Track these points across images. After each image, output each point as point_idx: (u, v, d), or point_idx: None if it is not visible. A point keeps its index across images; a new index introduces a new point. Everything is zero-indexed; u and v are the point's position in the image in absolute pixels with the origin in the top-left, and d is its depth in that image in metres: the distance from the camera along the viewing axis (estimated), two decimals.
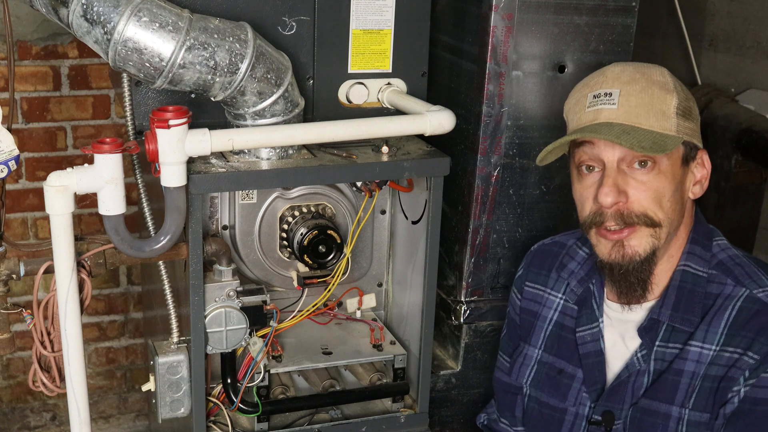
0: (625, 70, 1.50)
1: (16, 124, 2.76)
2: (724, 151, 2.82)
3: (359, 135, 1.80)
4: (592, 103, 1.49)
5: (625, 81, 1.48)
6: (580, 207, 1.55)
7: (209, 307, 1.78)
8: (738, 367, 1.43)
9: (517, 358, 1.74)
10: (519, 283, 1.79)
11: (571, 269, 1.69)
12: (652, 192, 1.46)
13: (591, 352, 1.60)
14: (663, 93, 1.47)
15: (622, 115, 1.45)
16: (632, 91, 1.47)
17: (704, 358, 1.47)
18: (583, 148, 1.50)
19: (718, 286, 1.50)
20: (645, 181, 1.45)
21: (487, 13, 1.93)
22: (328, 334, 2.08)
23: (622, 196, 1.46)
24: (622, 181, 1.46)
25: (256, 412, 1.88)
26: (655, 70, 1.51)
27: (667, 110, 1.46)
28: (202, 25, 1.66)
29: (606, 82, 1.50)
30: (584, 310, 1.64)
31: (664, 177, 1.46)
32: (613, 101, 1.47)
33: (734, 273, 1.50)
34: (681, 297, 1.51)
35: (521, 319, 1.76)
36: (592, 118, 1.48)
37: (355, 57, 1.93)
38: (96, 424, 3.12)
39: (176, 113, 1.60)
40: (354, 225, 2.00)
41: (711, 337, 1.47)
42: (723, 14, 3.07)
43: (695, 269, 1.52)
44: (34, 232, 2.90)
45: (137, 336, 3.12)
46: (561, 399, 1.63)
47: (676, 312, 1.51)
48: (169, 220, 1.66)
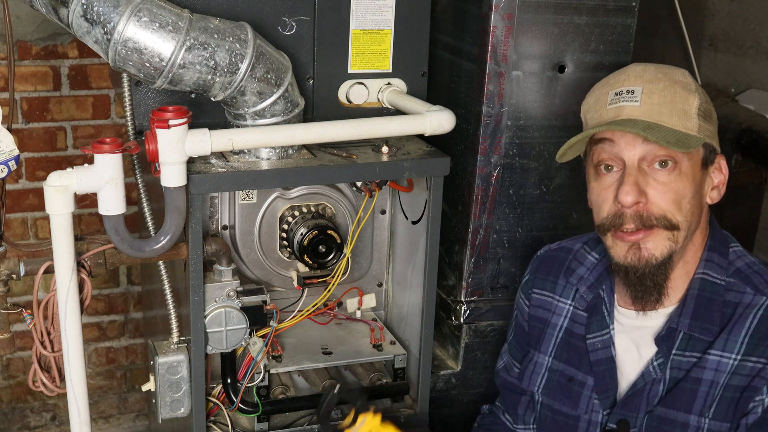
0: (647, 69, 1.48)
1: (16, 124, 2.76)
2: (724, 151, 2.81)
3: (359, 135, 1.80)
4: (614, 100, 1.47)
5: (647, 79, 1.46)
6: (596, 208, 1.51)
7: (209, 307, 1.78)
8: (762, 377, 1.40)
9: (527, 365, 1.72)
10: (526, 290, 1.76)
11: (580, 275, 1.66)
12: (672, 193, 1.43)
13: (602, 359, 1.58)
14: (685, 93, 1.45)
15: (645, 113, 1.43)
16: (655, 89, 1.45)
17: (723, 366, 1.44)
18: (603, 146, 1.47)
19: (737, 295, 1.47)
20: (666, 181, 1.43)
21: (487, 13, 1.93)
22: (328, 334, 2.08)
23: (642, 197, 1.43)
24: (643, 181, 1.43)
25: (256, 412, 1.88)
26: (677, 71, 1.49)
27: (689, 110, 1.44)
28: (202, 25, 1.66)
29: (628, 80, 1.48)
30: (594, 317, 1.61)
31: (685, 178, 1.44)
32: (636, 98, 1.45)
33: (753, 281, 1.47)
34: (700, 306, 1.48)
35: (530, 326, 1.73)
36: (614, 115, 1.46)
37: (355, 57, 1.93)
38: (96, 424, 3.12)
39: (176, 113, 1.60)
40: (354, 225, 2.00)
41: (731, 346, 1.44)
42: (723, 14, 3.07)
43: (714, 277, 1.49)
44: (34, 232, 2.90)
45: (137, 336, 3.12)
46: (573, 407, 1.61)
47: (695, 321, 1.47)
48: (169, 220, 1.66)
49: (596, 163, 1.49)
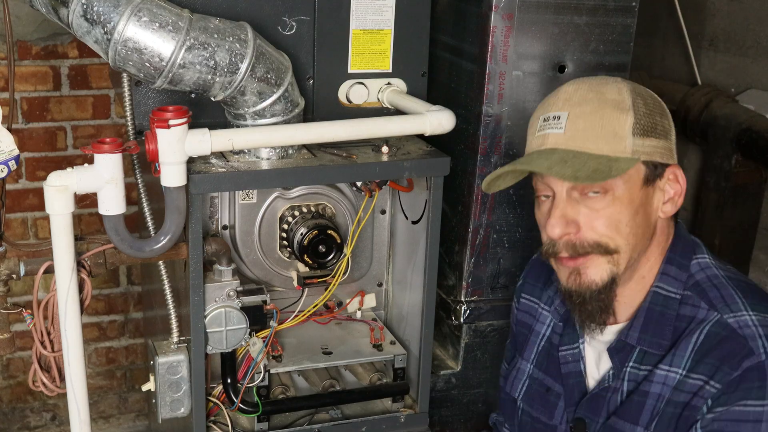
0: (579, 90, 1.44)
1: (16, 124, 2.76)
2: (724, 151, 2.82)
3: (359, 135, 1.80)
4: (542, 127, 1.44)
5: (575, 102, 1.42)
6: (541, 232, 1.50)
7: (209, 307, 1.78)
8: (701, 396, 1.38)
9: (511, 370, 1.72)
10: (518, 293, 1.75)
11: (557, 287, 1.63)
12: (605, 219, 1.39)
13: (572, 372, 1.57)
14: (616, 113, 1.39)
15: (569, 140, 1.39)
16: (581, 114, 1.40)
17: (671, 381, 1.42)
18: (537, 177, 1.46)
19: (692, 309, 1.44)
20: (598, 208, 1.39)
21: (487, 13, 1.93)
22: (328, 334, 2.08)
23: (572, 227, 1.40)
24: (572, 211, 1.40)
25: (256, 412, 1.88)
26: (612, 87, 1.43)
27: (620, 131, 1.39)
28: (202, 25, 1.66)
29: (556, 103, 1.44)
30: (567, 330, 1.61)
31: (620, 203, 1.40)
32: (561, 125, 1.41)
33: (709, 295, 1.43)
34: (650, 319, 1.46)
35: (517, 330, 1.74)
36: (539, 144, 1.43)
37: (355, 57, 1.93)
38: (96, 424, 3.12)
39: (176, 113, 1.60)
40: (354, 225, 2.00)
41: (678, 361, 1.42)
42: (723, 14, 3.07)
43: (668, 291, 1.46)
44: (34, 232, 2.90)
45: (137, 336, 3.12)
46: (549, 417, 1.61)
47: (644, 335, 1.46)
48: (169, 220, 1.66)
49: (535, 192, 1.49)
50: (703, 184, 2.97)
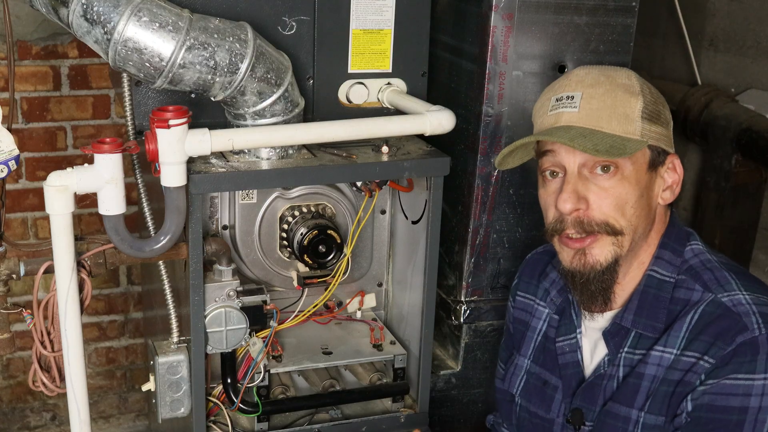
0: (590, 73, 1.48)
1: (16, 124, 2.76)
2: (724, 151, 2.82)
3: (359, 135, 1.80)
4: (555, 107, 1.47)
5: (588, 84, 1.45)
6: (544, 213, 1.52)
7: (209, 307, 1.78)
8: (694, 371, 1.40)
9: (509, 367, 1.73)
10: (513, 292, 1.78)
11: (552, 278, 1.68)
12: (613, 198, 1.43)
13: (569, 363, 1.59)
14: (627, 96, 1.44)
15: (583, 119, 1.43)
16: (595, 94, 1.44)
17: (665, 362, 1.44)
18: (546, 156, 1.48)
19: (687, 291, 1.46)
20: (607, 187, 1.43)
21: (487, 13, 1.93)
22: (328, 334, 2.08)
23: (582, 203, 1.43)
24: (583, 188, 1.43)
25: (256, 412, 1.88)
26: (621, 73, 1.48)
27: (630, 113, 1.43)
28: (202, 25, 1.66)
29: (569, 85, 1.47)
30: (563, 320, 1.62)
31: (628, 183, 1.43)
32: (575, 104, 1.44)
33: (703, 278, 1.46)
34: (644, 302, 1.48)
35: (514, 328, 1.76)
36: (553, 122, 1.47)
37: (355, 57, 1.93)
38: (96, 424, 3.12)
39: (176, 113, 1.60)
40: (354, 225, 2.00)
41: (672, 341, 1.44)
42: (723, 14, 3.07)
43: (662, 274, 1.49)
44: (34, 232, 2.90)
45: (137, 336, 3.12)
46: (546, 410, 1.62)
47: (639, 317, 1.48)
48: (169, 220, 1.66)
49: (542, 171, 1.51)
50: (703, 184, 2.97)
